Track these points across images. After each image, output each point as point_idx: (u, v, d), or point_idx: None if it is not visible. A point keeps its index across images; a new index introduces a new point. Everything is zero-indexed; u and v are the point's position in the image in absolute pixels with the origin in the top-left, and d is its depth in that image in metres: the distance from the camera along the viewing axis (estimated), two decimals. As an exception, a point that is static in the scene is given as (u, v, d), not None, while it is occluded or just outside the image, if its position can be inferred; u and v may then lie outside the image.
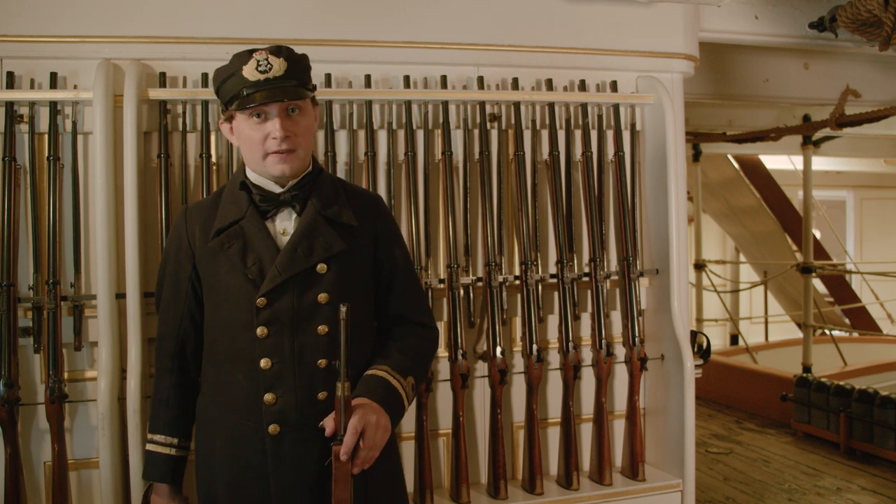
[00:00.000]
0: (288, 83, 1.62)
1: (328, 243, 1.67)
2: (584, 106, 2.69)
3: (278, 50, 1.63)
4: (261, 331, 1.64)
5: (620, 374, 2.79)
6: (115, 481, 2.17)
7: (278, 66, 1.61)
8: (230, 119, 1.69)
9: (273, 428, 1.64)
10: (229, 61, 1.65)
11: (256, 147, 1.65)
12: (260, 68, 1.60)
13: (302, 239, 1.66)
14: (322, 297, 1.66)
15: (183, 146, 2.37)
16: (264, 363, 1.64)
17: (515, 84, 2.64)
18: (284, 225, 1.70)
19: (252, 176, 1.72)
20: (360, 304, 1.72)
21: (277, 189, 1.69)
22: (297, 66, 1.66)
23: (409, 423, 2.53)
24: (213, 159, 2.36)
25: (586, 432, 2.74)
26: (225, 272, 1.68)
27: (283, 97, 1.61)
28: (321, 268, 1.67)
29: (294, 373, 1.65)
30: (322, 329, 1.66)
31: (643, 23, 2.77)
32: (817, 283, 7.88)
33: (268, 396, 1.64)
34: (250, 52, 1.62)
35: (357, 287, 1.73)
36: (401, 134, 2.54)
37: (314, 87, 1.73)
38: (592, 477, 2.68)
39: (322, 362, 1.66)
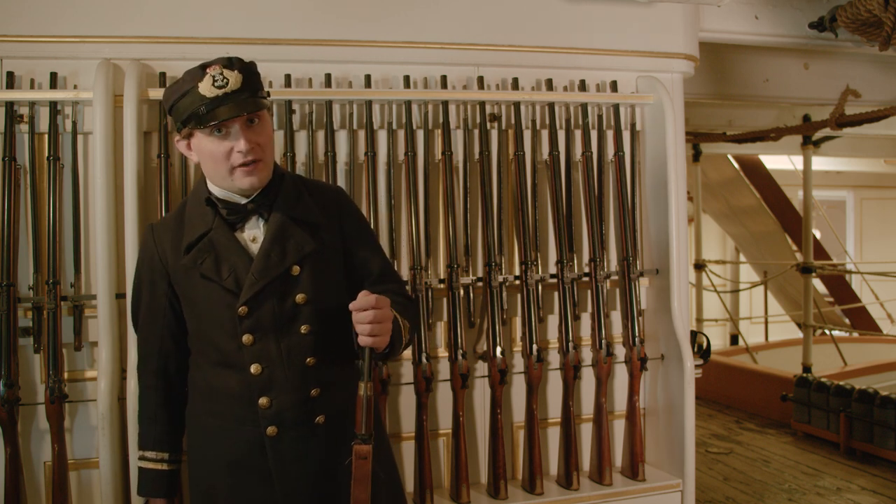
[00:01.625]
0: (245, 95, 1.59)
1: (299, 244, 1.68)
2: (584, 106, 2.69)
3: (230, 62, 1.60)
4: (246, 338, 1.65)
5: (620, 374, 2.79)
6: (115, 481, 2.17)
7: (234, 79, 1.58)
8: (188, 136, 1.66)
9: (271, 430, 1.65)
10: (180, 78, 1.62)
11: (221, 162, 1.62)
12: (216, 83, 1.57)
13: (273, 243, 1.66)
14: (300, 297, 1.67)
15: (183, 146, 2.37)
16: (255, 369, 1.65)
17: (515, 84, 2.64)
18: (253, 233, 1.70)
19: (215, 190, 1.70)
20: (336, 299, 1.72)
21: (243, 200, 1.68)
22: (252, 76, 1.63)
23: (409, 423, 2.53)
24: (213, 159, 2.36)
25: (586, 432, 2.74)
26: (202, 287, 1.68)
27: (244, 110, 1.58)
28: (295, 270, 1.67)
29: (285, 374, 1.66)
30: (305, 328, 1.68)
31: (643, 23, 2.77)
32: (817, 283, 7.87)
33: (262, 400, 1.65)
34: (203, 68, 1.59)
35: (332, 283, 1.74)
36: (401, 134, 2.54)
37: (268, 94, 1.71)
38: (592, 477, 2.68)
39: (310, 360, 1.67)
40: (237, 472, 1.69)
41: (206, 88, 1.57)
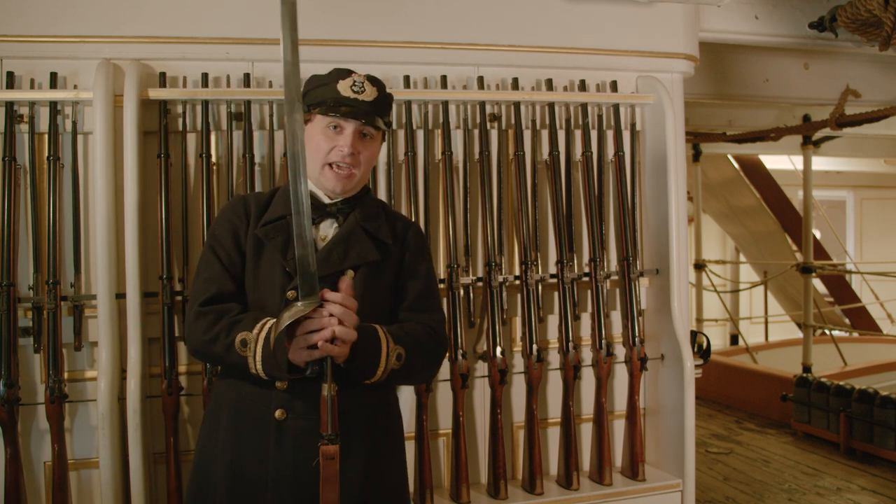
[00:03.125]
0: (371, 109, 1.74)
1: (363, 252, 1.75)
2: (584, 106, 2.69)
3: (374, 80, 1.78)
4: None
5: (620, 374, 2.79)
6: (115, 481, 2.17)
7: (370, 92, 1.75)
8: (307, 120, 1.77)
9: (279, 413, 1.67)
10: (328, 73, 1.78)
11: (320, 154, 1.74)
12: (354, 88, 1.74)
13: (339, 243, 1.74)
14: None
15: (183, 146, 2.37)
16: None
17: (515, 84, 2.64)
18: (326, 232, 1.77)
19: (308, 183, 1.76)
20: (377, 314, 1.75)
21: (327, 200, 1.78)
22: (384, 100, 1.79)
23: (409, 423, 2.52)
24: (213, 159, 2.36)
25: (586, 432, 2.74)
26: (266, 261, 1.74)
27: (365, 118, 1.73)
28: (350, 273, 1.72)
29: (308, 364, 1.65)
30: None
31: (643, 23, 2.77)
32: (817, 283, 7.88)
33: (279, 382, 1.67)
34: (350, 72, 1.76)
35: (377, 298, 1.78)
36: (401, 134, 2.54)
37: (389, 124, 1.85)
38: (592, 477, 2.68)
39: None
40: (238, 448, 1.70)
41: (343, 87, 1.74)
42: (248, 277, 1.78)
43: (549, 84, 2.67)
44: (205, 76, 2.37)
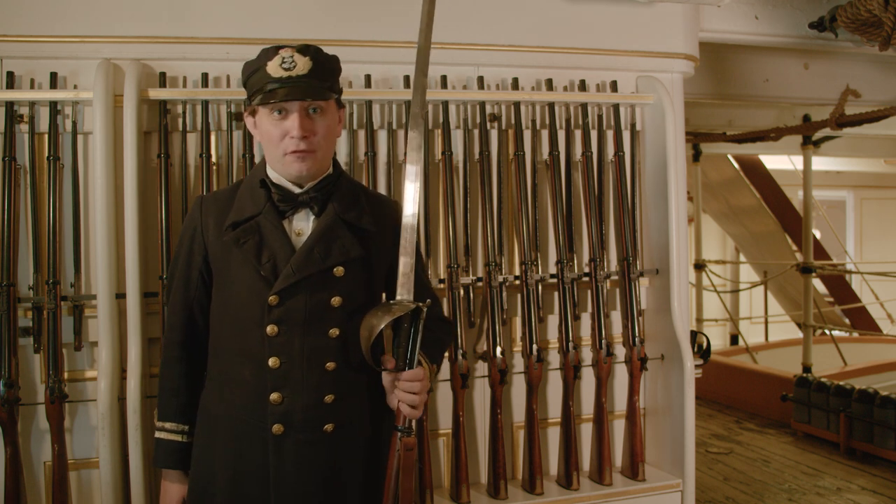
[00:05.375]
0: (310, 82, 1.61)
1: (345, 247, 1.66)
2: (584, 106, 2.69)
3: (306, 49, 1.63)
4: (271, 329, 1.63)
5: (620, 374, 2.79)
6: (115, 481, 2.17)
7: (302, 64, 1.60)
8: (253, 113, 1.69)
9: (277, 427, 1.63)
10: (257, 55, 1.65)
11: (275, 144, 1.64)
12: (284, 65, 1.60)
13: (319, 240, 1.65)
14: (335, 300, 1.65)
15: (183, 146, 2.37)
16: (273, 362, 1.63)
17: (515, 84, 2.64)
18: (301, 226, 1.68)
19: (272, 174, 1.70)
20: (372, 307, 1.71)
21: (296, 189, 1.68)
22: (323, 67, 1.64)
23: (409, 423, 2.53)
24: (213, 159, 2.36)
25: (586, 432, 2.74)
26: (238, 267, 1.67)
27: (304, 96, 1.59)
28: (338, 271, 1.66)
29: (302, 374, 1.64)
30: (333, 332, 1.65)
31: (643, 23, 2.77)
32: (817, 283, 7.88)
33: (274, 396, 1.63)
34: (277, 49, 1.62)
35: (370, 293, 1.73)
36: (401, 134, 2.54)
37: (340, 90, 1.73)
38: (592, 477, 2.68)
39: (331, 365, 1.65)
40: (236, 465, 1.67)
41: (273, 68, 1.60)
42: (217, 287, 1.72)
43: (549, 84, 2.67)
44: (205, 76, 2.37)
